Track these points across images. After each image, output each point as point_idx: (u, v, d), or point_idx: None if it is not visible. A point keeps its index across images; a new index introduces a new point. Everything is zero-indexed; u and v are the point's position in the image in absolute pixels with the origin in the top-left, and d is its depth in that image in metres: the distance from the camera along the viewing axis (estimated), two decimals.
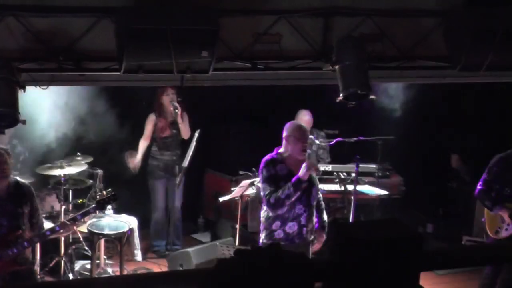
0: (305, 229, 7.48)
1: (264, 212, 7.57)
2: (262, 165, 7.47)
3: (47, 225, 7.71)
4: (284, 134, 7.46)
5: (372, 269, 2.21)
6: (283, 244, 7.27)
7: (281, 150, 7.50)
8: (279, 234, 7.45)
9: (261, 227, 7.64)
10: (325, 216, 7.92)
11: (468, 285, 9.22)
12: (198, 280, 2.18)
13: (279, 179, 7.35)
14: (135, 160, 10.18)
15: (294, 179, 7.25)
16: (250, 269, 2.10)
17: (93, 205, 7.49)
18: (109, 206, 9.16)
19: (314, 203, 7.64)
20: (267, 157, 7.49)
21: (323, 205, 7.98)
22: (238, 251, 2.15)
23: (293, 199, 7.30)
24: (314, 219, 7.66)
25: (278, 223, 7.43)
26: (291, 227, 7.41)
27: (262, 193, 7.52)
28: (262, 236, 7.61)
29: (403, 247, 2.25)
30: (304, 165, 7.28)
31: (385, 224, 2.44)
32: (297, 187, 7.28)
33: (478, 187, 8.34)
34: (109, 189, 8.26)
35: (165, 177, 10.29)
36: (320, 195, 7.95)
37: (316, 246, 7.79)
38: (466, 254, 2.58)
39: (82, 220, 7.62)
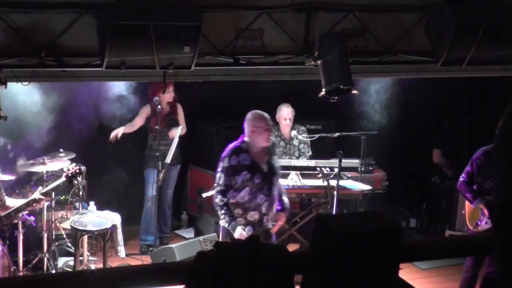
0: (265, 217, 7.63)
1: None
2: (226, 153, 7.60)
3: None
4: (248, 126, 7.58)
5: (352, 261, 2.22)
6: None
7: (246, 139, 7.61)
8: (240, 220, 7.55)
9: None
10: (285, 198, 8.00)
11: (450, 279, 9.26)
12: (178, 273, 2.19)
13: (240, 169, 7.49)
14: (115, 131, 10.19)
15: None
16: (229, 262, 2.11)
17: (63, 179, 7.53)
18: (92, 202, 9.17)
19: (276, 192, 7.74)
20: (232, 145, 7.64)
21: (283, 187, 8.17)
22: (217, 244, 2.16)
23: (255, 181, 7.48)
24: (275, 207, 7.76)
25: (239, 210, 7.56)
26: (252, 216, 7.56)
27: (216, 181, 7.64)
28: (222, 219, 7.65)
29: (382, 239, 2.26)
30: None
31: (365, 216, 2.45)
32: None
33: (460, 179, 8.38)
34: (75, 163, 8.27)
35: (157, 167, 10.26)
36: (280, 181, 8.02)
37: (275, 227, 7.94)
38: (444, 245, 2.59)
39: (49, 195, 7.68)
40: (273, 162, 7.74)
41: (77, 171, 7.68)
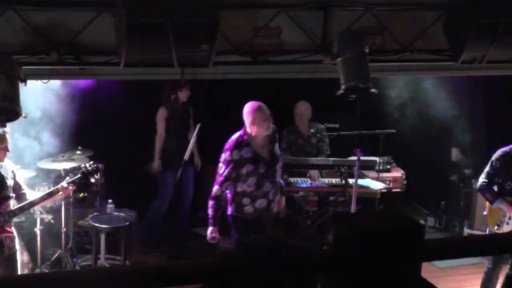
0: (273, 203, 7.94)
1: (230, 186, 7.88)
2: (229, 145, 7.84)
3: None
4: (248, 118, 7.80)
5: (373, 260, 2.21)
6: (251, 218, 7.84)
7: (248, 130, 7.83)
8: (248, 209, 7.85)
9: (229, 199, 7.92)
10: (281, 181, 8.35)
11: (469, 278, 9.23)
12: (199, 271, 2.19)
13: (243, 162, 7.73)
14: (155, 164, 10.27)
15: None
16: (251, 261, 2.11)
17: (79, 175, 7.57)
18: (110, 200, 9.19)
19: (279, 178, 8.07)
20: (235, 138, 7.86)
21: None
22: (239, 242, 2.16)
23: (260, 170, 7.74)
24: (279, 192, 8.11)
25: (247, 199, 7.82)
26: (261, 203, 7.84)
27: (217, 171, 7.88)
28: (232, 208, 7.91)
29: (405, 238, 2.25)
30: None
31: (386, 215, 2.44)
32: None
33: (480, 180, 8.32)
34: (92, 162, 8.30)
35: (176, 168, 10.30)
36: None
37: (281, 212, 8.54)
38: (466, 244, 2.58)
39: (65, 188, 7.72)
40: (274, 150, 8.01)
41: (94, 168, 7.71)
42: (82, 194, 9.67)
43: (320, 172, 10.32)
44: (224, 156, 7.82)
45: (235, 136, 7.88)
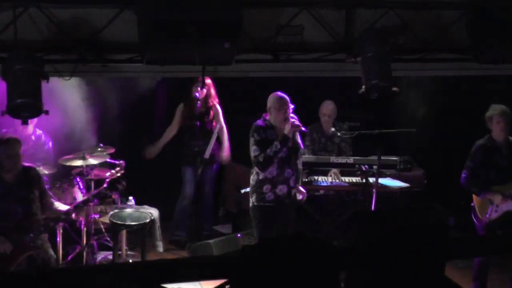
0: (293, 190, 8.12)
1: (254, 176, 8.13)
2: (254, 127, 8.05)
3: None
4: (267, 104, 8.06)
5: (397, 258, 2.21)
6: (273, 205, 7.99)
7: (269, 118, 8.06)
8: (269, 196, 8.01)
9: (251, 189, 8.17)
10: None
11: (489, 279, 9.16)
12: (223, 266, 2.19)
13: (269, 142, 7.90)
14: (155, 147, 10.24)
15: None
16: (275, 257, 2.11)
17: (104, 185, 7.57)
18: (131, 197, 9.21)
19: (301, 166, 8.30)
20: (257, 123, 8.07)
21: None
22: (263, 239, 2.17)
23: (281, 155, 7.90)
24: (300, 181, 8.38)
25: (268, 186, 8.00)
26: (281, 189, 8.01)
27: (252, 155, 8.05)
28: (253, 198, 8.11)
29: (428, 236, 2.25)
30: (288, 123, 7.89)
31: (409, 212, 2.43)
32: (284, 144, 7.87)
33: (463, 175, 8.68)
34: (118, 168, 8.33)
35: (195, 165, 10.27)
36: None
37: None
38: (490, 243, 2.58)
39: (93, 200, 7.66)
40: (295, 138, 8.15)
41: (121, 177, 7.70)
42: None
43: (341, 171, 10.30)
44: (253, 139, 8.02)
45: (258, 122, 8.11)
